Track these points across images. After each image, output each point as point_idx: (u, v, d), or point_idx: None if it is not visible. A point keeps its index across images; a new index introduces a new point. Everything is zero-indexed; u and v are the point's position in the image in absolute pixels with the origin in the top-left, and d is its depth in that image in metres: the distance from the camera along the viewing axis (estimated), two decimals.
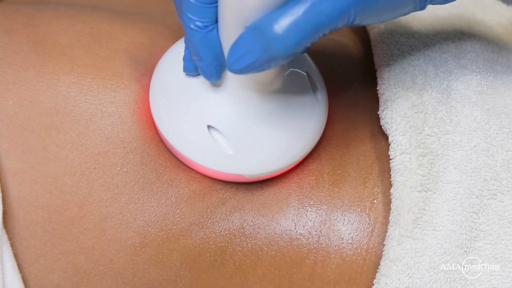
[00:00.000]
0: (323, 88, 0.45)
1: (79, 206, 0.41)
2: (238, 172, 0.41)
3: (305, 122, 0.42)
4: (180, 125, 0.41)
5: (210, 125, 0.41)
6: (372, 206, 0.44)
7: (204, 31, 0.37)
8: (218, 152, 0.41)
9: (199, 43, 0.37)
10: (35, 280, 0.41)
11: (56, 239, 0.41)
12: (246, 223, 0.44)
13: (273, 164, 0.42)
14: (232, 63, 0.34)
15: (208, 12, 0.36)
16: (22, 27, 0.44)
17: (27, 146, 0.41)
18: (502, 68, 0.47)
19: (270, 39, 0.32)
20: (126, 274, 0.42)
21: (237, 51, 0.33)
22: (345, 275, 0.43)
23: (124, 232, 0.42)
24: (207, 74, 0.39)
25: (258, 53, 0.33)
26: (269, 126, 0.41)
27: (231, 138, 0.41)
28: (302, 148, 0.43)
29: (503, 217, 0.42)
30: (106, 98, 0.43)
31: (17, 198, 0.40)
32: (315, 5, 0.31)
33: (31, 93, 0.41)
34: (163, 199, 0.43)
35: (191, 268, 0.43)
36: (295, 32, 0.31)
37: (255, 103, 0.40)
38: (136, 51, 0.45)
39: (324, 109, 0.44)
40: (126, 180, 0.42)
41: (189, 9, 0.36)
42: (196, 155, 0.41)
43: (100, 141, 0.42)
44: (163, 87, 0.42)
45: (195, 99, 0.41)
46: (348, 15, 0.32)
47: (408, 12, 0.35)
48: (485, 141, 0.43)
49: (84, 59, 0.43)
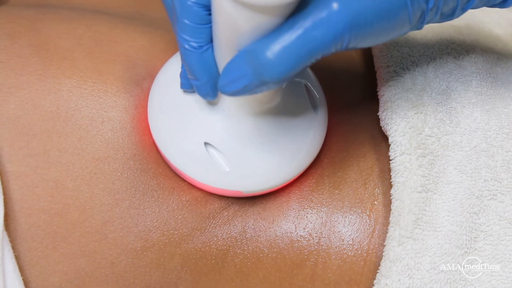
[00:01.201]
0: (322, 99, 0.45)
1: (80, 210, 0.41)
2: (236, 188, 0.42)
3: (303, 137, 0.42)
4: (178, 142, 0.41)
5: (207, 142, 0.41)
6: (373, 207, 0.44)
7: (199, 51, 0.36)
8: (216, 169, 0.41)
9: (194, 63, 0.37)
10: (36, 282, 0.41)
11: (58, 242, 0.41)
12: (248, 226, 0.44)
13: (271, 180, 0.42)
14: (224, 86, 0.33)
15: (202, 33, 0.36)
16: (24, 31, 0.44)
17: (29, 150, 0.41)
18: (502, 69, 0.47)
19: (262, 65, 0.31)
20: (127, 277, 0.42)
21: (229, 75, 0.33)
22: (345, 276, 0.43)
23: (126, 236, 0.42)
24: (202, 93, 0.38)
25: (250, 78, 0.32)
26: (266, 143, 0.41)
27: (228, 156, 0.41)
28: (300, 163, 0.43)
29: (503, 218, 0.42)
30: (107, 102, 0.43)
31: (18, 201, 0.40)
32: (308, 31, 0.30)
33: (33, 97, 0.42)
34: (164, 205, 0.43)
35: (192, 271, 0.43)
36: (287, 58, 0.31)
37: (252, 120, 0.40)
38: (137, 54, 0.45)
39: (323, 121, 0.44)
40: (127, 186, 0.42)
41: (184, 30, 0.36)
42: (194, 172, 0.41)
43: (100, 146, 0.42)
44: (161, 104, 0.42)
45: (192, 117, 0.41)
46: (342, 41, 0.31)
47: (405, 33, 0.34)
48: (485, 142, 0.43)
49: (85, 63, 0.43)
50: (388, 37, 0.33)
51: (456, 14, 0.36)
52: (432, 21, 0.35)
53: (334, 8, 0.30)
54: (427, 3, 0.33)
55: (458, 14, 0.36)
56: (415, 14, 0.33)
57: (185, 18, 0.35)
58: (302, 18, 0.30)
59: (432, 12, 0.34)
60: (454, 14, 0.36)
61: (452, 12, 0.35)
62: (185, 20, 0.35)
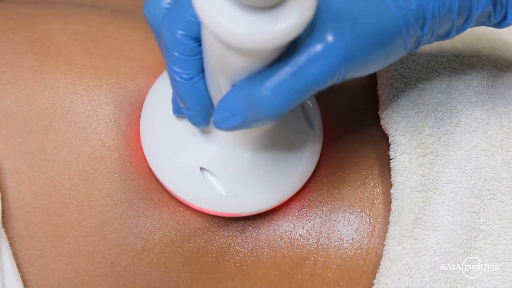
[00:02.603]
0: (316, 110, 0.45)
1: (78, 210, 0.41)
2: (233, 211, 0.41)
3: (300, 156, 0.42)
4: (172, 167, 0.41)
5: (203, 168, 0.41)
6: (372, 206, 0.44)
7: (190, 82, 0.35)
8: (212, 193, 0.41)
9: (186, 94, 0.36)
10: (35, 280, 0.40)
11: (56, 241, 0.41)
12: (248, 224, 0.44)
13: (268, 201, 0.42)
14: (219, 122, 0.33)
15: (193, 64, 0.35)
16: (20, 27, 0.43)
17: (25, 147, 0.40)
18: (503, 68, 0.47)
19: (257, 102, 0.30)
20: (127, 276, 0.42)
21: (223, 111, 0.32)
22: (345, 275, 0.43)
23: (126, 236, 0.42)
24: (195, 122, 0.38)
25: (245, 115, 0.31)
26: (261, 166, 0.41)
27: (224, 180, 0.41)
28: (297, 182, 0.43)
29: (503, 217, 0.42)
30: (102, 99, 0.42)
31: (16, 199, 0.40)
32: (303, 68, 0.30)
33: (28, 93, 0.41)
34: (165, 208, 0.43)
35: (193, 270, 0.43)
36: (282, 95, 0.30)
37: (247, 144, 0.40)
38: (131, 49, 0.45)
39: (319, 136, 0.44)
40: (125, 188, 0.42)
41: (174, 62, 0.35)
42: (190, 196, 0.41)
43: (96, 145, 0.42)
44: (153, 127, 0.42)
45: (186, 142, 0.41)
46: (338, 74, 0.30)
47: (401, 57, 0.34)
48: (485, 141, 0.43)
49: (81, 59, 0.43)
50: (384, 64, 0.33)
51: (451, 35, 0.35)
52: (427, 43, 0.35)
53: (329, 40, 0.29)
54: (422, 29, 0.33)
55: (453, 35, 0.35)
56: (410, 40, 0.32)
57: (175, 50, 0.34)
58: (297, 53, 0.30)
59: (427, 36, 0.34)
60: (449, 36, 0.35)
61: (446, 34, 0.35)
62: (175, 52, 0.34)
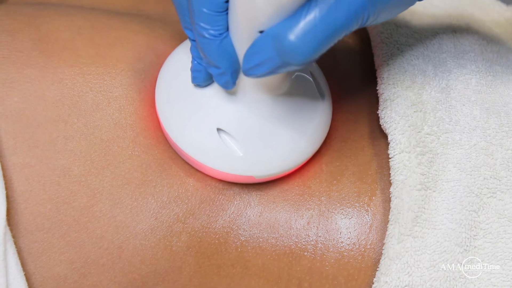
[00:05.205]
0: (326, 87, 0.46)
1: (88, 196, 0.41)
2: (248, 173, 0.42)
3: (312, 122, 0.43)
4: (189, 129, 0.41)
5: (220, 128, 0.41)
6: (371, 202, 0.44)
7: (219, 39, 0.36)
8: (229, 154, 0.41)
9: (215, 51, 0.37)
10: (41, 273, 0.41)
11: (64, 230, 0.41)
12: (249, 204, 0.44)
13: (283, 165, 0.42)
14: (249, 70, 0.34)
15: (221, 20, 0.36)
16: (24, 26, 0.44)
17: (34, 141, 0.41)
18: (501, 67, 0.48)
19: (287, 49, 0.32)
20: (134, 261, 0.42)
21: (253, 59, 0.34)
22: (343, 270, 0.43)
23: (135, 216, 0.42)
24: (222, 81, 0.38)
25: (275, 61, 0.33)
26: (277, 128, 0.41)
27: (241, 140, 0.41)
28: (310, 148, 0.43)
29: (502, 216, 0.42)
30: (112, 83, 0.43)
31: (23, 193, 0.40)
32: (331, 12, 0.31)
33: (36, 89, 0.41)
34: (177, 178, 0.43)
35: (196, 253, 0.43)
36: (311, 40, 0.31)
37: (264, 105, 0.41)
38: (136, 36, 0.45)
39: (329, 108, 0.45)
40: (138, 164, 0.42)
41: (202, 19, 0.36)
42: (206, 158, 0.41)
43: (108, 128, 0.42)
44: (169, 92, 0.42)
45: (204, 104, 0.41)
46: (363, 16, 0.32)
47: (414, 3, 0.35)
48: (485, 140, 0.43)
49: (87, 50, 0.43)
50: (403, 8, 0.35)
51: None
52: None
53: None
54: None
55: None
56: None
57: (203, 6, 0.35)
58: None
59: None
60: None
61: None
62: (204, 8, 0.35)
